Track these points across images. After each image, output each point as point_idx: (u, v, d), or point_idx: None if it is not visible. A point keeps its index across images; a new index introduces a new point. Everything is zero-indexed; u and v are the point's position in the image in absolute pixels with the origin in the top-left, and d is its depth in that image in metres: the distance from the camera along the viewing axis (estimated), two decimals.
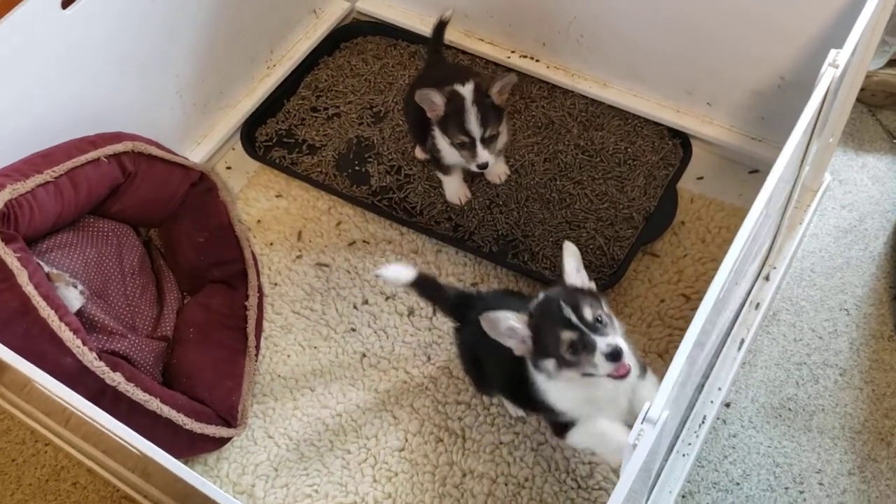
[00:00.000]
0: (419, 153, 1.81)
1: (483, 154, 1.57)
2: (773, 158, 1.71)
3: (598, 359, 1.13)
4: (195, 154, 1.81)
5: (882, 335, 1.59)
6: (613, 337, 1.14)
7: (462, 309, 1.40)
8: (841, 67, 1.12)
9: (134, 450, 0.90)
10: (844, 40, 1.17)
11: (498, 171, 1.76)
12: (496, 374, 1.38)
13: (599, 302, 1.20)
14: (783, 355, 1.58)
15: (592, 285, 1.24)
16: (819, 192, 1.67)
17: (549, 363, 1.18)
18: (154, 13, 1.59)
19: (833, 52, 1.14)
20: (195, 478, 0.84)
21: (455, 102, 1.55)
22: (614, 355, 1.12)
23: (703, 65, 1.72)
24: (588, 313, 1.16)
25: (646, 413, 0.85)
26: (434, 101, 1.56)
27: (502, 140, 1.66)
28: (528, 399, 1.27)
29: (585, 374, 1.16)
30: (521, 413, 1.49)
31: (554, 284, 1.25)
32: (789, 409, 1.52)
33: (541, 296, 1.23)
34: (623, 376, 1.14)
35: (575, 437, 1.27)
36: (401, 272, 1.37)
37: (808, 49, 1.55)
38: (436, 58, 1.82)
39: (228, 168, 1.88)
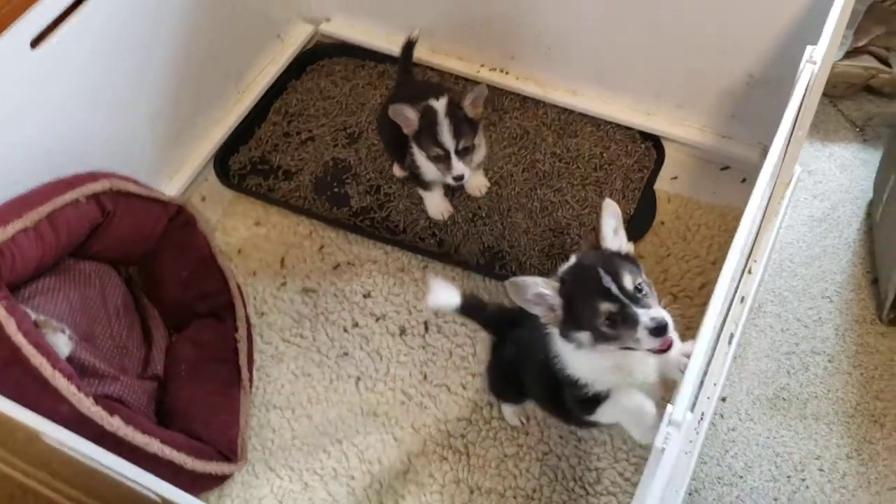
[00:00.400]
0: (397, 171, 1.81)
1: (458, 166, 1.58)
2: (745, 155, 1.78)
3: (641, 333, 1.04)
4: (170, 187, 1.77)
5: (865, 319, 1.63)
6: (656, 309, 1.05)
7: (503, 325, 1.37)
8: (819, 63, 1.15)
9: (154, 496, 0.87)
10: (810, 35, 1.19)
11: (478, 183, 1.76)
12: (537, 392, 1.36)
13: (638, 268, 1.10)
14: (772, 346, 1.61)
15: (630, 247, 1.13)
16: (791, 184, 1.71)
17: (584, 335, 1.09)
18: (123, 49, 1.56)
19: (809, 48, 1.17)
20: None
21: (428, 116, 1.56)
22: (659, 329, 1.03)
23: (671, 67, 1.75)
24: (628, 282, 1.06)
25: (670, 416, 0.86)
26: (407, 117, 1.57)
27: (480, 153, 1.67)
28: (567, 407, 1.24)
29: (624, 347, 1.08)
30: (517, 422, 1.49)
31: (587, 247, 1.14)
32: (783, 399, 1.54)
33: (573, 259, 1.13)
34: (666, 350, 1.07)
35: (605, 412, 1.17)
36: (447, 300, 1.31)
37: (776, 46, 1.59)
38: (406, 77, 1.82)
39: (203, 199, 1.85)
